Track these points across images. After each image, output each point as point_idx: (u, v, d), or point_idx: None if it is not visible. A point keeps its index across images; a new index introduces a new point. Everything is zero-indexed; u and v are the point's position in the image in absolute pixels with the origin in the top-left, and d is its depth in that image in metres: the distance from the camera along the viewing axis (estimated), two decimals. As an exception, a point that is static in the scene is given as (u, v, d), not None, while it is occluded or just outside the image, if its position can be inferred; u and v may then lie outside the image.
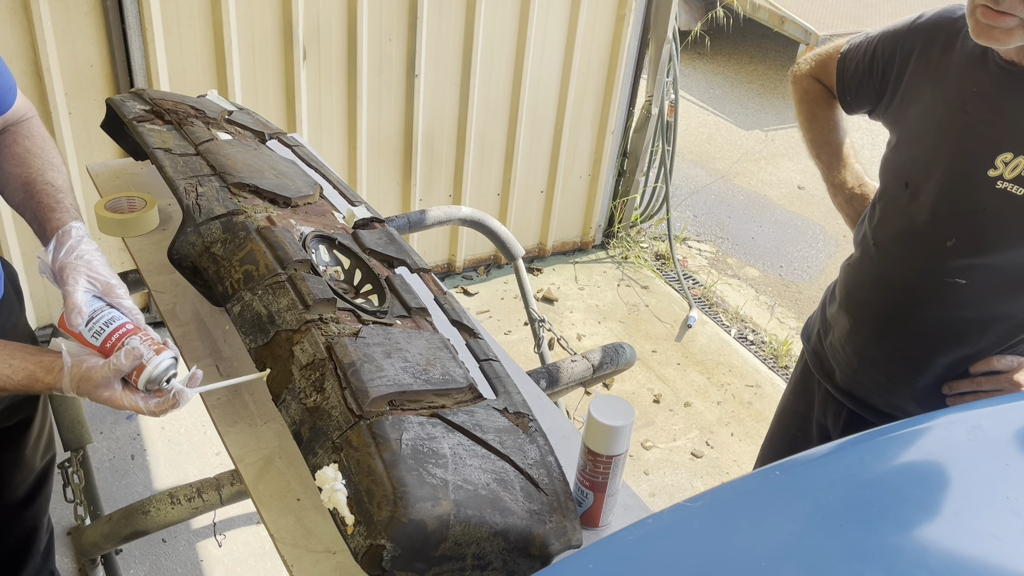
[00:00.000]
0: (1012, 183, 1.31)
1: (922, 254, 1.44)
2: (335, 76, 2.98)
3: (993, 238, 1.35)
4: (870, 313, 1.55)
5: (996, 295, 1.39)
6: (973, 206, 1.36)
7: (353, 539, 0.96)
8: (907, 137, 1.49)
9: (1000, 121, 1.33)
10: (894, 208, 1.49)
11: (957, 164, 1.37)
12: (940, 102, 1.40)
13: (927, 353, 1.48)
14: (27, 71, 2.49)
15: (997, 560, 0.95)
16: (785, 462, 1.05)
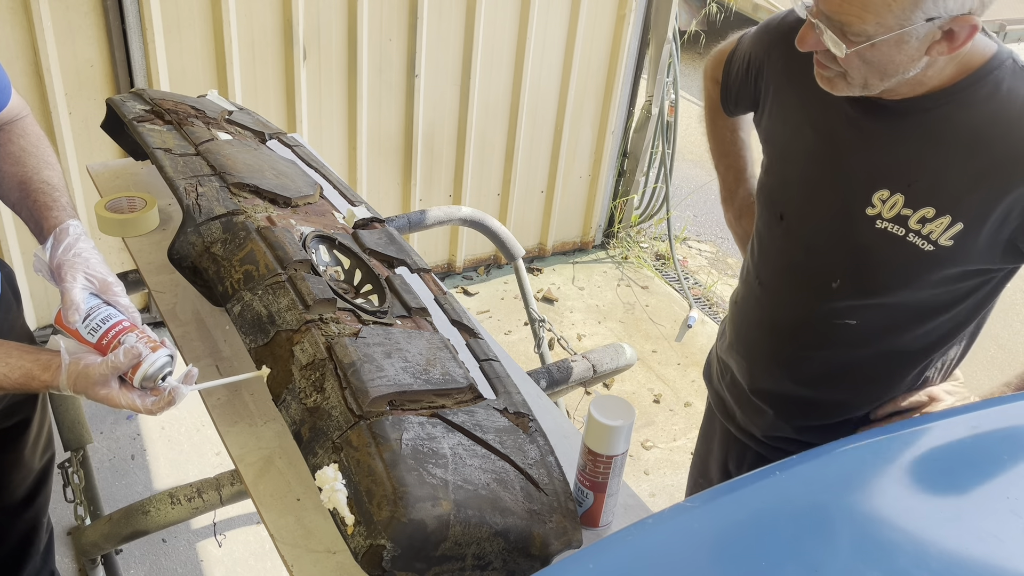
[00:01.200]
0: (892, 223, 1.20)
1: (808, 296, 1.33)
2: (335, 76, 2.98)
3: (878, 278, 1.25)
4: (761, 356, 1.45)
5: (890, 333, 1.31)
6: (853, 245, 1.25)
7: (353, 539, 0.96)
8: (778, 159, 1.37)
9: (872, 155, 1.22)
10: (772, 243, 1.39)
11: (833, 200, 1.26)
12: (808, 125, 1.29)
13: (826, 394, 1.39)
14: (27, 71, 2.49)
15: (997, 560, 0.95)
16: (785, 462, 1.05)
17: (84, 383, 1.06)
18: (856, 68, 1.12)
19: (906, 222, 1.19)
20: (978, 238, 1.17)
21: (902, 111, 1.19)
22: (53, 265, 1.16)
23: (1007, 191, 1.13)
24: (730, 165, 1.64)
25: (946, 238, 1.17)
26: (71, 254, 1.15)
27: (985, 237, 1.17)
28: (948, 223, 1.17)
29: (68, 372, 1.06)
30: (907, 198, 1.19)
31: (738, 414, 1.53)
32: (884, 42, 1.07)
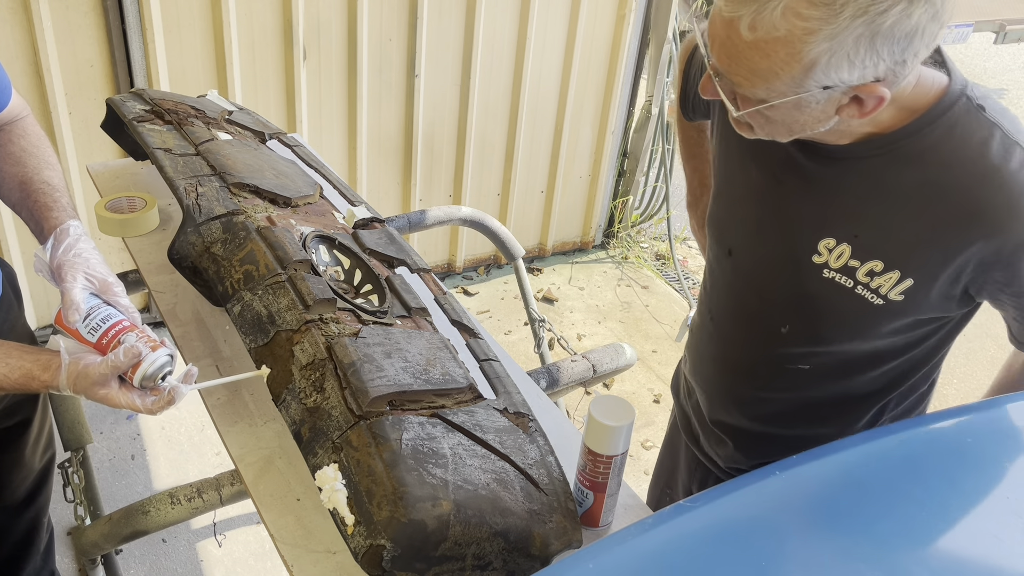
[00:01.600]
0: (839, 273, 1.13)
1: (758, 339, 1.27)
2: (335, 76, 2.98)
3: (827, 325, 1.19)
4: (717, 391, 1.39)
5: (844, 378, 1.24)
6: (801, 292, 1.18)
7: (353, 539, 0.96)
8: (725, 190, 1.29)
9: (816, 201, 1.13)
10: (722, 277, 1.32)
11: (780, 243, 1.18)
12: (751, 160, 1.20)
13: (783, 431, 1.34)
14: (27, 71, 2.49)
15: (997, 560, 0.95)
16: (785, 462, 1.05)
17: (84, 383, 1.06)
18: (759, 124, 1.04)
19: (854, 274, 1.12)
20: (930, 293, 1.10)
21: (843, 157, 1.09)
22: (53, 265, 1.16)
23: (962, 249, 1.05)
24: (696, 168, 1.56)
25: (896, 293, 1.10)
26: (71, 254, 1.15)
27: (938, 292, 1.10)
28: (897, 278, 1.09)
29: (68, 372, 1.06)
30: (854, 249, 1.11)
31: (701, 438, 1.48)
32: (780, 105, 0.98)
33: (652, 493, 1.77)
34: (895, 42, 0.91)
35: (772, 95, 0.97)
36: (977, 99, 1.05)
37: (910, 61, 0.94)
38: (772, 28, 0.91)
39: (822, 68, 0.93)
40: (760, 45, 0.92)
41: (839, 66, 0.92)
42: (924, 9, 0.89)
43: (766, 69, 0.94)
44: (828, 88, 0.95)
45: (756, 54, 0.94)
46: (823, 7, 0.88)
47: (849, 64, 0.92)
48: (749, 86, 0.98)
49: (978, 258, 1.05)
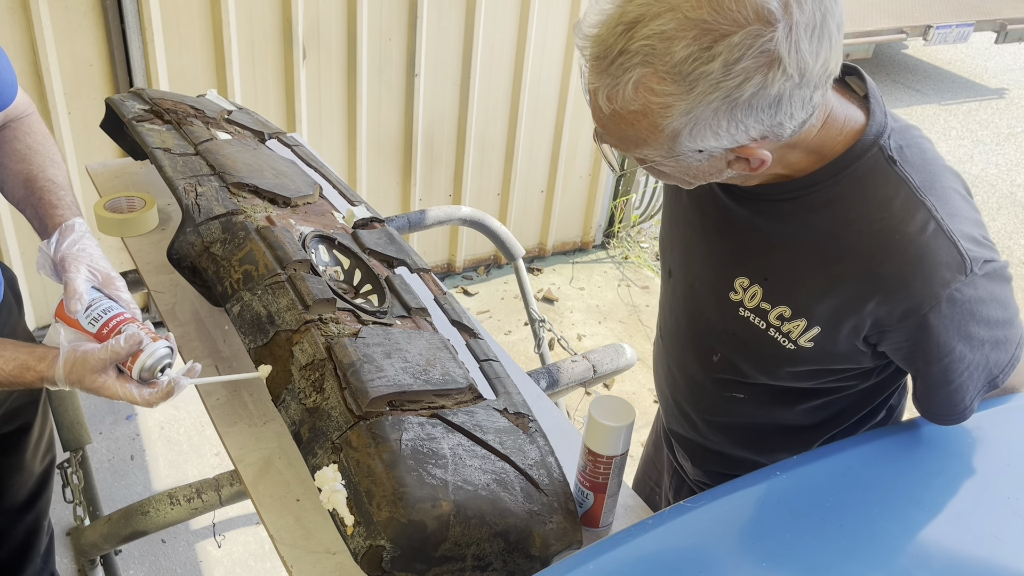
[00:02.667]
0: (752, 313, 1.11)
1: (695, 364, 1.26)
2: (335, 76, 2.98)
3: (751, 360, 1.17)
4: (670, 406, 1.39)
5: (779, 409, 1.22)
6: (723, 326, 1.17)
7: (353, 540, 0.96)
8: (668, 213, 1.28)
9: (733, 238, 1.13)
10: (665, 298, 1.32)
11: (705, 275, 1.18)
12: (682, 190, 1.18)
13: (731, 451, 1.33)
14: (27, 71, 2.48)
15: (997, 560, 0.95)
16: (786, 462, 1.05)
17: (81, 370, 1.05)
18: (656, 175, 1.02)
19: (766, 316, 1.10)
20: (837, 343, 1.07)
21: (758, 198, 1.08)
22: (57, 258, 1.16)
23: (859, 307, 1.02)
24: None
25: (806, 340, 1.08)
26: (75, 248, 1.16)
27: (844, 343, 1.07)
28: (805, 326, 1.07)
29: (65, 359, 1.05)
30: (765, 292, 1.09)
31: (675, 445, 1.48)
32: (663, 163, 0.96)
33: (638, 484, 1.74)
34: (759, 111, 0.88)
35: (650, 157, 0.96)
36: (891, 149, 1.00)
37: (787, 123, 0.91)
38: (628, 102, 0.89)
39: (687, 137, 0.90)
40: (620, 117, 0.91)
41: (703, 135, 0.90)
42: (782, 80, 0.85)
43: (633, 136, 0.93)
44: (702, 151, 0.93)
45: (620, 123, 0.92)
46: (673, 83, 0.85)
47: (714, 134, 0.90)
48: (624, 149, 0.97)
49: (873, 318, 1.02)
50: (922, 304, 0.98)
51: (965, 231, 0.99)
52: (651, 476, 1.70)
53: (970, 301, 0.99)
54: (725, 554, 0.93)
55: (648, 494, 1.69)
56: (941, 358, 1.02)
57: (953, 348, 1.01)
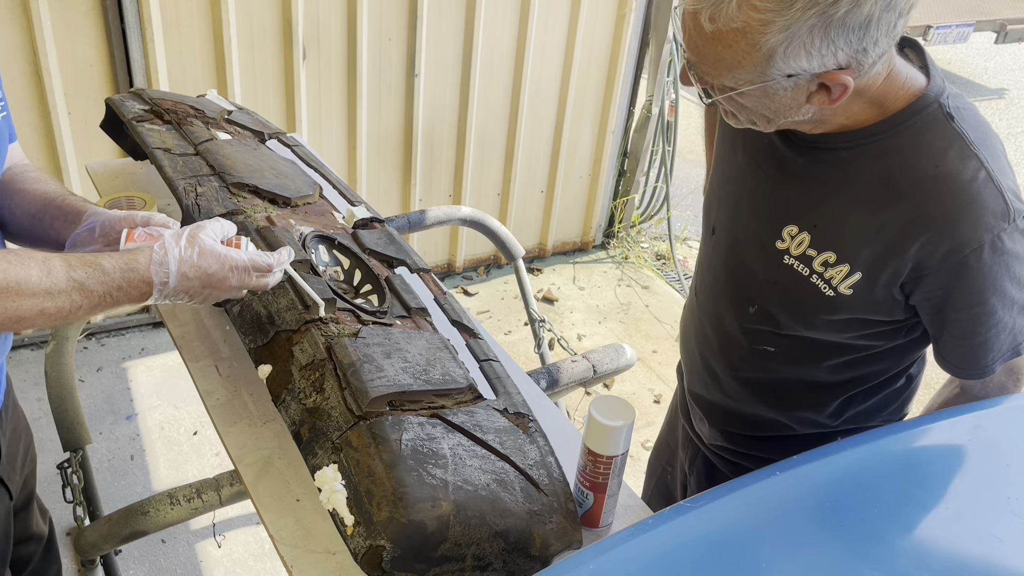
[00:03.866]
0: (797, 260, 1.17)
1: (729, 317, 1.31)
2: (335, 76, 2.98)
3: (788, 311, 1.22)
4: (697, 365, 1.43)
5: (807, 364, 1.27)
6: (765, 276, 1.23)
7: (353, 540, 0.96)
8: (717, 173, 1.34)
9: (786, 187, 1.19)
10: (704, 256, 1.37)
11: (751, 225, 1.24)
12: (740, 144, 1.26)
13: (754, 409, 1.37)
14: (26, 71, 2.49)
15: (997, 560, 0.95)
16: (786, 462, 1.05)
17: (195, 233, 1.06)
18: (736, 110, 1.08)
19: (811, 263, 1.16)
20: (875, 290, 1.12)
21: (817, 147, 1.14)
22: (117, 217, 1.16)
23: (903, 250, 1.08)
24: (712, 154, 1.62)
25: (846, 286, 1.13)
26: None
27: (882, 290, 1.12)
28: (847, 272, 1.13)
29: (176, 233, 1.06)
30: (813, 238, 1.15)
31: (692, 415, 1.53)
32: (750, 92, 1.02)
33: (651, 468, 1.79)
34: (850, 31, 0.94)
35: (739, 83, 1.01)
36: (949, 108, 1.07)
37: (871, 50, 0.97)
38: (730, 20, 0.95)
39: (781, 57, 0.96)
40: (720, 36, 0.97)
41: (797, 55, 0.96)
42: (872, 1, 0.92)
43: (729, 59, 0.99)
44: (792, 76, 0.99)
45: (718, 45, 0.98)
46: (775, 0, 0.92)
47: (807, 53, 0.96)
48: (716, 75, 1.02)
49: (915, 261, 1.08)
50: (965, 245, 1.04)
51: (1011, 186, 1.06)
52: (663, 456, 1.73)
53: (1009, 254, 1.05)
54: (725, 554, 0.93)
55: (660, 474, 1.72)
56: (973, 306, 1.08)
57: (986, 299, 1.07)
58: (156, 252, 1.04)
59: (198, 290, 1.06)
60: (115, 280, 1.01)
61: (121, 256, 1.02)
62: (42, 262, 0.96)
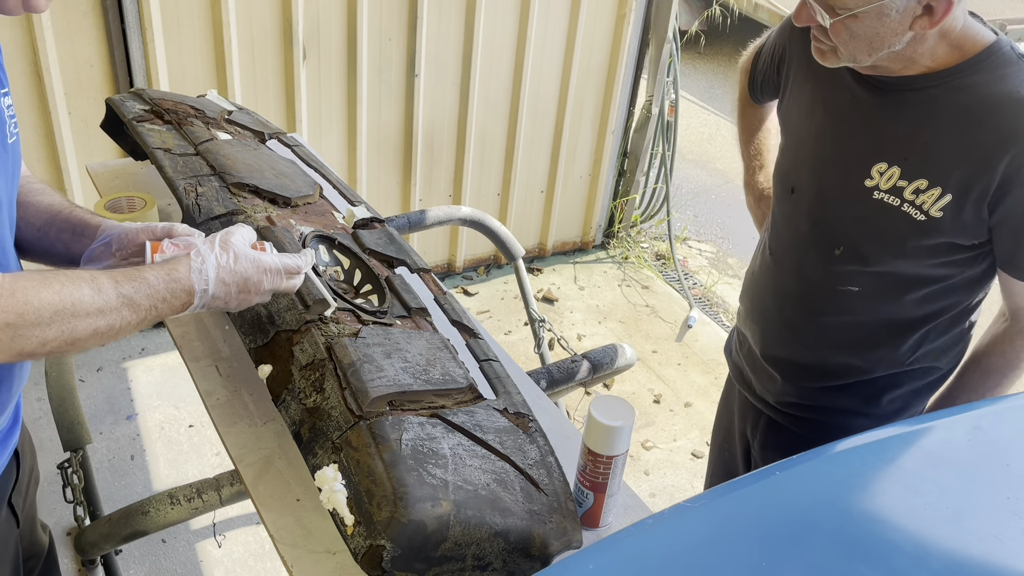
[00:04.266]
0: (888, 193, 1.30)
1: (812, 263, 1.43)
2: (335, 76, 2.98)
3: (876, 246, 1.34)
4: (771, 322, 1.54)
5: (888, 300, 1.39)
6: (853, 214, 1.35)
7: (353, 539, 0.96)
8: (792, 139, 1.48)
9: (873, 131, 1.32)
10: (781, 215, 1.49)
11: (837, 173, 1.36)
12: (819, 106, 1.40)
13: (830, 357, 1.48)
14: (27, 71, 2.49)
15: (997, 560, 0.95)
16: (785, 462, 1.05)
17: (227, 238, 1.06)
18: (844, 41, 1.23)
19: (901, 193, 1.28)
20: (963, 210, 1.25)
21: (901, 89, 1.29)
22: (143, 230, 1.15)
23: (991, 167, 1.21)
24: (754, 152, 1.75)
25: (936, 209, 1.26)
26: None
27: (970, 209, 1.25)
28: (938, 194, 1.25)
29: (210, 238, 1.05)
30: (903, 170, 1.28)
31: (754, 381, 1.62)
32: (866, 14, 1.18)
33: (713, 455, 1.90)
34: None
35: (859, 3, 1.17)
36: (1019, 52, 1.26)
37: None
38: None
39: None
40: None
41: None
42: None
43: None
44: None
45: None
46: None
47: None
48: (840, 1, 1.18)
49: (1003, 175, 1.21)
50: None
51: None
52: (718, 437, 1.86)
53: None
54: (725, 554, 0.93)
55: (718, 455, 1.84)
56: None
57: None
58: (194, 260, 1.03)
59: (234, 296, 1.06)
60: (160, 292, 1.00)
61: (162, 267, 1.02)
62: (90, 280, 0.95)
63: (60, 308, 0.92)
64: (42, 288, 0.91)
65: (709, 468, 1.93)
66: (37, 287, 0.91)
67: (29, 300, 0.90)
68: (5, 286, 0.88)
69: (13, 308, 0.88)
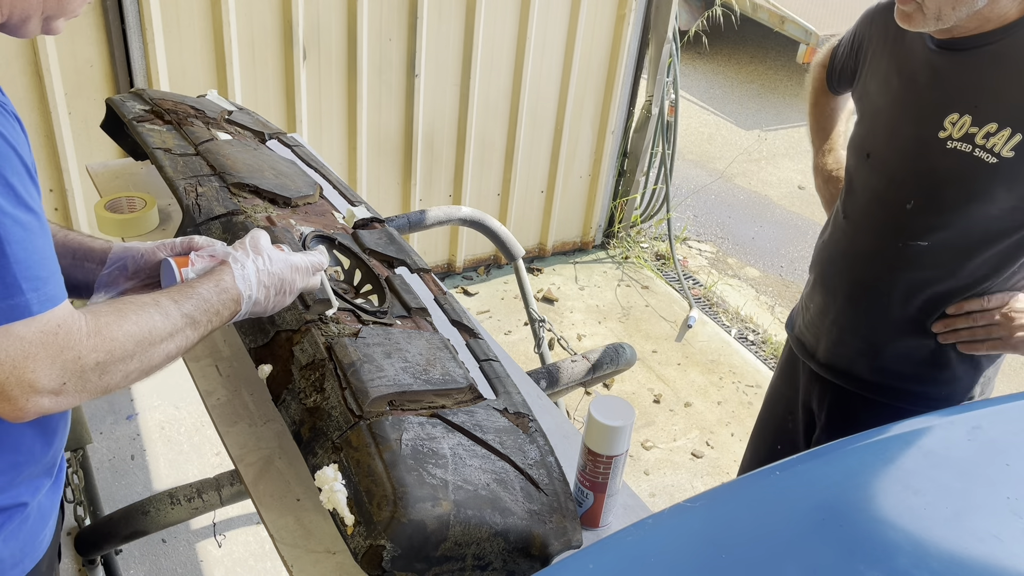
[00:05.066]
0: (960, 141, 1.37)
1: (885, 220, 1.51)
2: (335, 76, 2.98)
3: (948, 197, 1.42)
4: (843, 282, 1.61)
5: (957, 255, 1.45)
6: (927, 166, 1.43)
7: (353, 539, 0.96)
8: (868, 111, 1.58)
9: (946, 86, 1.41)
10: (857, 179, 1.58)
11: (911, 129, 1.45)
12: (895, 74, 1.50)
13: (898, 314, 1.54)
14: (27, 71, 2.49)
15: (997, 560, 0.95)
16: (785, 462, 1.05)
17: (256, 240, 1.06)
18: None
19: (972, 139, 1.36)
20: None
21: (972, 45, 1.37)
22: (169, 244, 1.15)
23: None
24: (823, 138, 1.87)
25: (1007, 149, 1.33)
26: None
27: None
28: (1009, 134, 1.33)
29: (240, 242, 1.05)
30: (974, 118, 1.36)
31: (819, 349, 1.68)
32: None
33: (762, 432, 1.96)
34: None
35: None
36: None
37: None
38: None
39: None
40: None
41: None
42: None
43: None
44: None
45: None
46: None
47: None
48: None
49: None
50: None
51: None
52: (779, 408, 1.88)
53: None
54: (725, 554, 0.93)
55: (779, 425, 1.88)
56: None
57: None
58: (235, 267, 1.03)
59: (272, 298, 1.07)
60: (214, 305, 1.00)
61: (209, 279, 1.02)
62: (155, 304, 0.94)
63: (140, 339, 0.91)
64: (122, 321, 0.90)
65: (756, 441, 1.98)
66: (118, 321, 0.90)
67: (115, 336, 0.89)
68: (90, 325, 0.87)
69: (102, 347, 0.88)
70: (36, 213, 0.84)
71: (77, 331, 0.86)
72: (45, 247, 0.85)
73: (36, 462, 1.04)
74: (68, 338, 0.85)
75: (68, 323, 0.85)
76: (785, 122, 5.86)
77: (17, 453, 1.00)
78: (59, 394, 0.88)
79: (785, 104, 6.09)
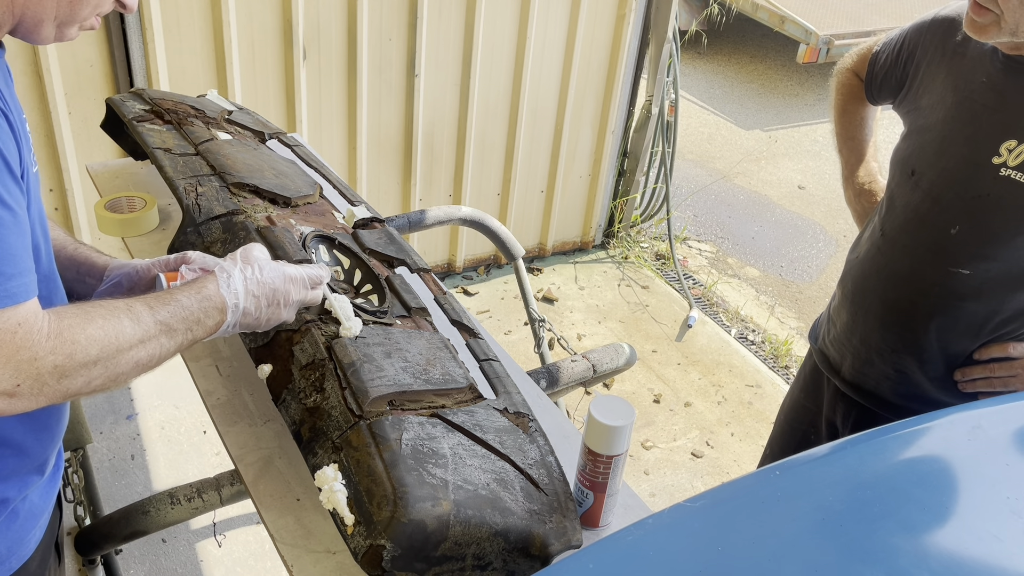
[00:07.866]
0: (1015, 170, 1.31)
1: (927, 243, 1.44)
2: (335, 76, 2.98)
3: (996, 226, 1.36)
4: (875, 303, 1.55)
5: (1000, 287, 1.39)
6: (976, 192, 1.36)
7: (353, 539, 0.96)
8: (917, 126, 1.51)
9: (1006, 109, 1.34)
10: (900, 196, 1.51)
11: (962, 151, 1.38)
12: (950, 91, 1.43)
13: (931, 343, 1.48)
14: (27, 71, 2.49)
15: (997, 560, 0.95)
16: (785, 462, 1.05)
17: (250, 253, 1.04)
18: (1012, 10, 1.24)
19: None
20: None
21: None
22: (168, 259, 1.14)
23: None
24: (854, 148, 1.78)
25: None
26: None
27: None
28: None
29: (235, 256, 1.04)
30: None
31: (844, 367, 1.63)
32: None
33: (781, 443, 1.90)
34: None
35: None
36: None
37: None
38: None
39: None
40: None
41: None
42: None
43: None
44: None
45: None
46: None
47: None
48: None
49: None
50: None
51: None
52: (802, 421, 1.83)
53: None
54: (725, 554, 0.93)
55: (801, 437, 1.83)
56: None
57: None
58: (220, 276, 1.02)
59: (264, 309, 1.05)
60: (194, 313, 0.98)
61: (191, 287, 1.00)
62: (127, 309, 0.92)
63: (105, 344, 0.88)
64: (87, 324, 0.87)
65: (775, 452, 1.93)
66: (82, 324, 0.87)
67: (76, 339, 0.86)
68: (52, 326, 0.84)
69: (62, 350, 0.85)
70: (11, 209, 0.82)
71: (37, 332, 0.83)
72: (16, 244, 0.83)
73: (22, 458, 1.01)
74: (27, 338, 0.82)
75: (29, 323, 0.83)
76: (785, 122, 5.86)
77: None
78: (13, 396, 0.83)
79: (785, 104, 6.09)
